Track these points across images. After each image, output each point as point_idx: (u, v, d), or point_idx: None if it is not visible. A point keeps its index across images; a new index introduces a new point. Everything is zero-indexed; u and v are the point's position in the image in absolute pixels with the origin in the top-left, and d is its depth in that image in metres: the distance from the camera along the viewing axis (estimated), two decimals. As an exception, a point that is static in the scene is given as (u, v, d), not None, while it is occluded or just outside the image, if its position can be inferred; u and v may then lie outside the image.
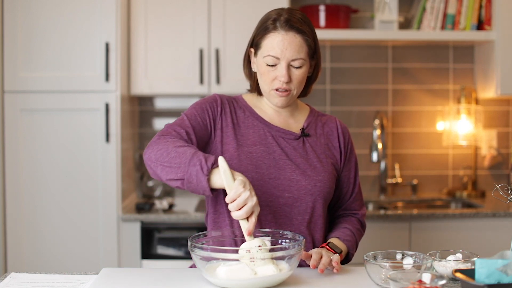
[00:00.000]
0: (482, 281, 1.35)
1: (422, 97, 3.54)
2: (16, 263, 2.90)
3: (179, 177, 1.56)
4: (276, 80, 1.73)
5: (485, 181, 3.55)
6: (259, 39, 1.75)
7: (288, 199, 1.74)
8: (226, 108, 1.79)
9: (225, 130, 1.77)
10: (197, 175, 1.53)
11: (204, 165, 1.52)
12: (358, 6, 3.46)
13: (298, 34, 1.71)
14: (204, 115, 1.75)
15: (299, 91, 1.78)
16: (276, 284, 1.50)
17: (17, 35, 2.90)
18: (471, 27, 3.31)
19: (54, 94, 2.92)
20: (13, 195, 2.91)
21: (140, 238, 2.91)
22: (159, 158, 1.60)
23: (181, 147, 1.60)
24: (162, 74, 3.13)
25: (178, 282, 1.56)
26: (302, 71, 1.74)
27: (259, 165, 1.74)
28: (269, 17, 1.74)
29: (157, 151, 1.62)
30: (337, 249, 1.71)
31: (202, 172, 1.52)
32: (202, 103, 1.78)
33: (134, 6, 3.11)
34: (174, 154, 1.58)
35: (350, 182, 1.88)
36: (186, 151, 1.57)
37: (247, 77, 1.86)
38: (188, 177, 1.54)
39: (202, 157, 1.54)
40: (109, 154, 2.92)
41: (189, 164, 1.54)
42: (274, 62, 1.71)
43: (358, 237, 1.86)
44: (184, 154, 1.57)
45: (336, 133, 1.87)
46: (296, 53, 1.70)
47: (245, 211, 1.49)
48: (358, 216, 1.90)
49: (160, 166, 1.60)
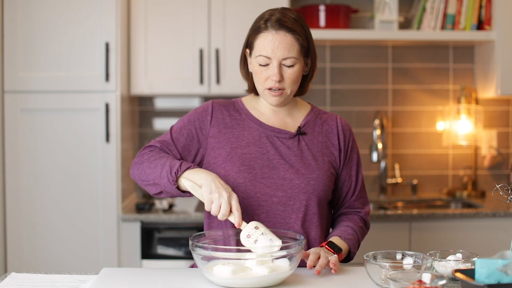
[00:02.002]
0: (482, 281, 1.35)
1: (422, 97, 3.54)
2: (16, 263, 2.90)
3: (159, 190, 1.72)
4: (269, 79, 1.74)
5: (485, 181, 3.55)
6: (252, 40, 1.77)
7: (282, 198, 1.75)
8: (218, 115, 1.83)
9: (217, 136, 1.80)
10: (168, 185, 1.67)
11: (169, 176, 1.65)
12: (358, 6, 3.46)
13: (288, 33, 1.72)
14: (191, 127, 1.83)
15: (294, 90, 1.79)
16: (276, 283, 1.51)
17: (17, 35, 2.90)
18: (471, 27, 3.31)
19: (54, 94, 2.92)
20: (13, 195, 2.91)
21: (140, 238, 2.91)
22: (140, 177, 1.76)
23: (154, 161, 1.73)
24: (162, 74, 3.13)
25: (178, 282, 1.56)
26: (295, 70, 1.74)
27: (252, 165, 1.75)
28: (262, 17, 1.77)
29: (136, 170, 1.78)
30: (337, 248, 1.70)
31: (170, 183, 1.65)
32: (191, 115, 1.86)
33: (134, 6, 3.11)
34: (149, 170, 1.73)
35: (352, 180, 1.88)
36: (157, 165, 1.71)
37: (244, 77, 1.88)
38: (164, 189, 1.69)
39: (168, 168, 1.67)
40: (109, 154, 2.92)
41: (160, 178, 1.68)
42: (266, 61, 1.73)
43: (360, 236, 1.85)
44: (155, 168, 1.71)
45: (335, 131, 1.87)
46: (287, 52, 1.71)
47: (224, 211, 1.58)
48: (362, 214, 1.90)
49: (143, 183, 1.76)
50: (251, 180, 1.73)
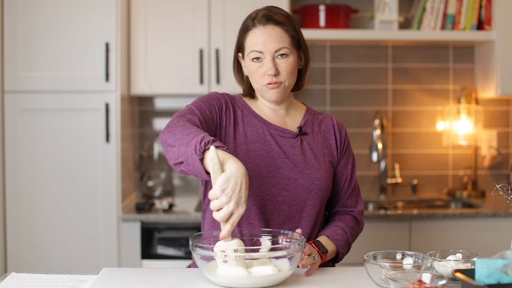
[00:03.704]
0: (482, 281, 1.35)
1: (422, 97, 3.54)
2: (16, 263, 2.90)
3: (180, 160, 1.49)
4: (265, 76, 1.74)
5: (485, 181, 3.55)
6: (242, 40, 1.78)
7: (286, 197, 1.75)
8: (229, 106, 1.81)
9: (227, 129, 1.79)
10: (192, 156, 1.44)
11: (198, 145, 1.43)
12: (358, 6, 3.46)
13: (276, 26, 1.73)
14: (212, 110, 1.75)
15: (291, 83, 1.79)
16: (276, 283, 1.51)
17: (17, 35, 2.90)
18: (471, 27, 3.31)
19: (54, 94, 2.92)
20: (13, 195, 2.91)
21: (140, 238, 2.91)
22: (167, 140, 1.54)
23: (189, 128, 1.53)
24: (162, 74, 3.13)
25: (178, 282, 1.56)
26: (289, 61, 1.75)
27: (257, 163, 1.75)
28: (248, 17, 1.78)
29: (167, 133, 1.56)
30: (322, 249, 1.70)
31: (195, 153, 1.43)
32: (210, 98, 1.77)
33: (134, 6, 3.11)
34: (180, 136, 1.51)
35: (346, 179, 1.88)
36: (190, 132, 1.50)
37: (238, 82, 1.89)
38: (186, 159, 1.46)
39: (200, 137, 1.45)
40: (109, 154, 2.92)
41: (187, 145, 1.46)
42: (258, 56, 1.73)
43: (351, 237, 1.85)
44: (188, 135, 1.49)
45: (332, 131, 1.88)
46: (278, 44, 1.72)
47: (221, 216, 1.42)
48: (354, 214, 1.90)
49: (167, 148, 1.54)
50: (257, 179, 1.73)
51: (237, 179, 1.42)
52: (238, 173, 1.42)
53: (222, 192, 1.41)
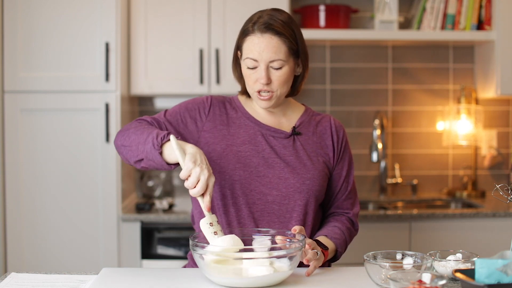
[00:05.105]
0: (482, 281, 1.35)
1: (422, 97, 3.54)
2: (16, 263, 2.90)
3: (139, 157, 1.63)
4: (257, 82, 1.74)
5: (485, 181, 3.55)
6: (240, 42, 1.78)
7: (277, 197, 1.75)
8: (215, 110, 1.83)
9: (212, 131, 1.80)
10: (151, 151, 1.58)
11: (155, 140, 1.58)
12: (358, 6, 3.46)
13: (274, 36, 1.71)
14: (186, 114, 1.81)
15: (284, 92, 1.78)
16: (276, 283, 1.51)
17: (17, 35, 2.90)
18: (471, 27, 3.31)
19: (54, 94, 2.92)
20: (13, 195, 2.91)
21: (140, 238, 2.91)
22: (123, 142, 1.69)
23: (141, 129, 1.67)
24: (162, 74, 3.13)
25: (178, 282, 1.56)
26: (283, 72, 1.74)
27: (247, 163, 1.75)
28: (250, 20, 1.76)
29: (121, 136, 1.71)
30: (323, 246, 1.70)
31: (154, 148, 1.58)
32: (189, 103, 1.85)
33: (134, 6, 3.11)
34: (134, 136, 1.65)
35: (343, 181, 1.88)
36: (143, 132, 1.64)
37: (237, 79, 1.89)
38: (146, 155, 1.61)
39: (155, 134, 1.59)
40: (109, 154, 2.92)
41: (144, 143, 1.61)
42: (253, 64, 1.73)
43: (348, 236, 1.85)
44: (142, 134, 1.64)
45: (329, 132, 1.87)
46: (273, 55, 1.71)
47: (200, 188, 1.52)
48: (350, 215, 1.89)
49: (124, 150, 1.68)
50: (246, 178, 1.74)
51: (201, 155, 1.55)
52: (199, 151, 1.55)
53: (194, 163, 1.52)
